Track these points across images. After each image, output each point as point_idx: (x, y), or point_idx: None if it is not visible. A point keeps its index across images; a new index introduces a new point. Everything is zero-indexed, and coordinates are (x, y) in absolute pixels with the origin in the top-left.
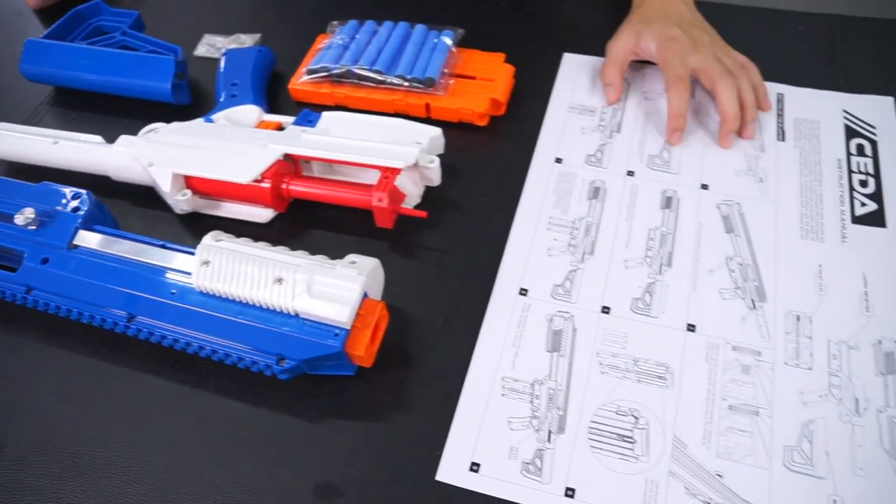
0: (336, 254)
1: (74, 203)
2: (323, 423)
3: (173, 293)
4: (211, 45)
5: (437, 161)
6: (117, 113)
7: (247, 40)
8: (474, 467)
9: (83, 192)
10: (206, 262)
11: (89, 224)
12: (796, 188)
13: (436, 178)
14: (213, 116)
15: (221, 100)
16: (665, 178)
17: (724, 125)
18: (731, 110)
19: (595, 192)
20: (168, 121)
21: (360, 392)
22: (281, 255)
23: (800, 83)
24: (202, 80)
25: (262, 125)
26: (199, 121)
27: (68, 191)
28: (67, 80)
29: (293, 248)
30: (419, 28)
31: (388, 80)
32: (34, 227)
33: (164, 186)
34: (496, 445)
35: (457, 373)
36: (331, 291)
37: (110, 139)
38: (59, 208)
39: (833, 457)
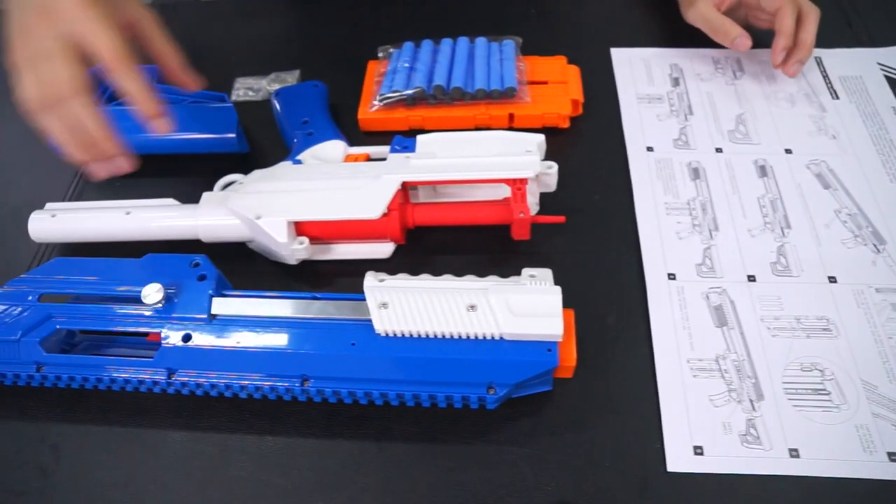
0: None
1: (197, 271)
2: (534, 443)
3: (353, 345)
4: (248, 88)
5: (555, 166)
6: (163, 173)
7: (288, 78)
8: (698, 451)
9: (201, 257)
10: (384, 305)
11: (220, 290)
12: (867, 138)
13: (553, 183)
14: (300, 157)
15: (295, 140)
16: (750, 149)
17: (780, 40)
18: (787, 29)
19: (695, 173)
20: (226, 172)
21: (558, 405)
22: (458, 282)
23: (829, 46)
24: (246, 124)
25: (348, 159)
26: (286, 164)
27: (185, 258)
28: None
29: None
30: (480, 41)
31: (469, 95)
32: (161, 305)
33: (280, 237)
34: (709, 425)
35: (644, 365)
36: (533, 307)
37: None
38: (180, 279)
39: None
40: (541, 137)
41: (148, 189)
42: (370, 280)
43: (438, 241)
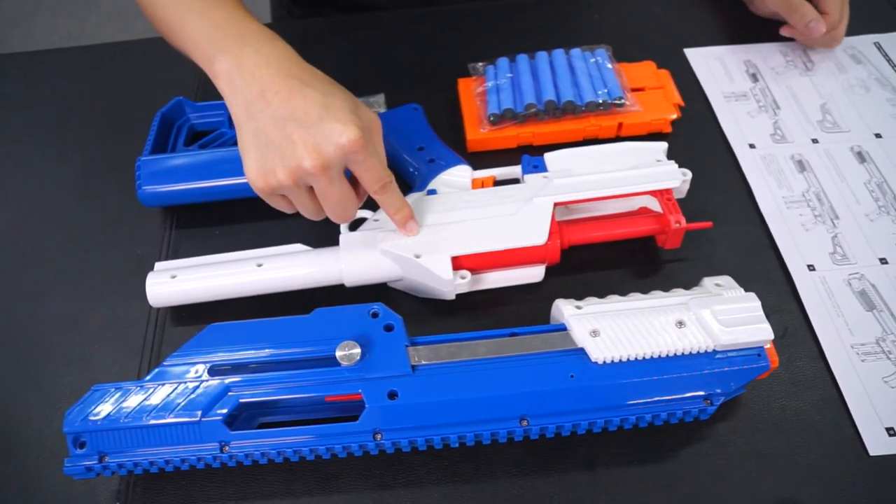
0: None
1: (380, 321)
2: (735, 447)
3: (572, 377)
4: None
5: (689, 174)
6: (258, 216)
7: (374, 103)
8: (891, 432)
9: (378, 306)
10: (595, 332)
11: (409, 339)
12: None
13: (685, 190)
14: (433, 185)
15: (413, 171)
16: (843, 137)
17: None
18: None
19: (800, 166)
20: None
21: (745, 406)
22: (652, 300)
23: (880, 31)
24: None
25: (475, 183)
26: (419, 195)
27: (361, 309)
28: (206, 194)
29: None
30: (575, 52)
31: (580, 108)
32: (354, 363)
33: (445, 273)
34: (893, 406)
35: (813, 356)
36: (738, 316)
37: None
38: (364, 332)
39: None
40: (664, 145)
41: (247, 235)
42: (569, 309)
43: (579, 259)
